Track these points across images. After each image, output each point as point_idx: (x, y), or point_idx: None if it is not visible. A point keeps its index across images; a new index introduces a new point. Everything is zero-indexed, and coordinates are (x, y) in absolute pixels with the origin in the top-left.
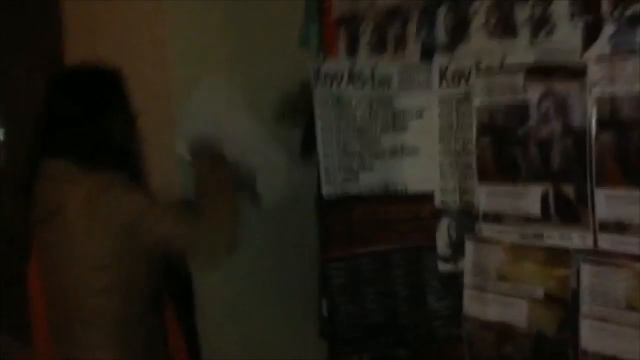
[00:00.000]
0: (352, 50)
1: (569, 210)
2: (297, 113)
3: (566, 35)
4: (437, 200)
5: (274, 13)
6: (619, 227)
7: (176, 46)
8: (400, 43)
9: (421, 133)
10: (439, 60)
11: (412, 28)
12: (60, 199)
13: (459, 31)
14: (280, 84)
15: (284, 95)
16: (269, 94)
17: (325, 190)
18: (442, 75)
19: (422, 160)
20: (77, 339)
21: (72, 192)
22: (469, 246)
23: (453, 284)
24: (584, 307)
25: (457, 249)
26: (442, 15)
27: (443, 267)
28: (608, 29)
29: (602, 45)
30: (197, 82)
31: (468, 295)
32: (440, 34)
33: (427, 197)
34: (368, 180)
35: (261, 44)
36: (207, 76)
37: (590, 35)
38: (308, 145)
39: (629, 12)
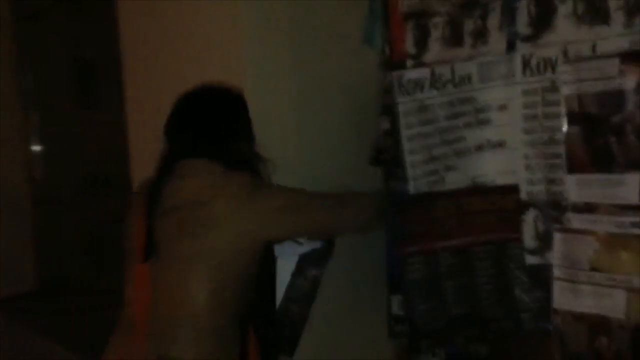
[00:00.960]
0: (421, 45)
1: None
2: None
3: None
4: (523, 192)
5: (339, 11)
6: None
7: (249, 49)
8: (480, 36)
9: (506, 126)
10: (521, 50)
11: (494, 20)
12: (204, 191)
13: (544, 20)
14: (346, 83)
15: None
16: (335, 92)
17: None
18: (526, 65)
19: (508, 153)
20: (175, 336)
21: (220, 187)
22: (557, 238)
23: (540, 276)
24: None
25: (544, 241)
26: (524, 5)
27: (530, 259)
28: None
29: None
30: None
31: (558, 287)
32: (523, 23)
33: (512, 189)
34: (454, 179)
35: (327, 44)
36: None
37: None
38: (379, 154)
39: None
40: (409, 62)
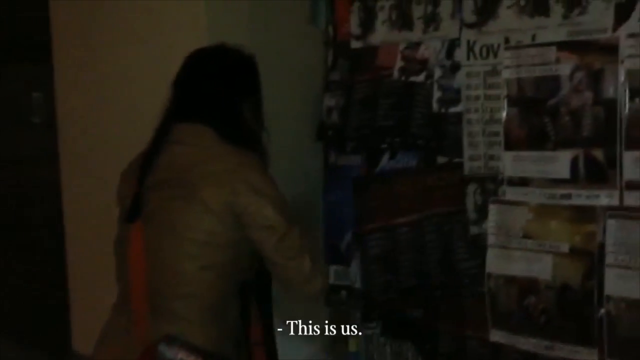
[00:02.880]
0: (367, 26)
1: (598, 172)
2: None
3: (599, 14)
4: (466, 168)
5: None
6: None
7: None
8: (432, 21)
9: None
10: (466, 35)
11: (446, 7)
12: (198, 165)
13: (488, 9)
14: (295, 61)
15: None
16: (285, 70)
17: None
18: (470, 50)
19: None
20: (176, 312)
21: (214, 163)
22: (492, 209)
23: (479, 244)
24: (610, 258)
25: (482, 212)
26: None
27: (473, 230)
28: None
29: (633, 23)
30: None
31: (492, 253)
32: (468, 11)
33: (457, 166)
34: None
35: (278, 24)
36: None
37: (622, 15)
38: (323, 130)
39: None
40: (354, 43)
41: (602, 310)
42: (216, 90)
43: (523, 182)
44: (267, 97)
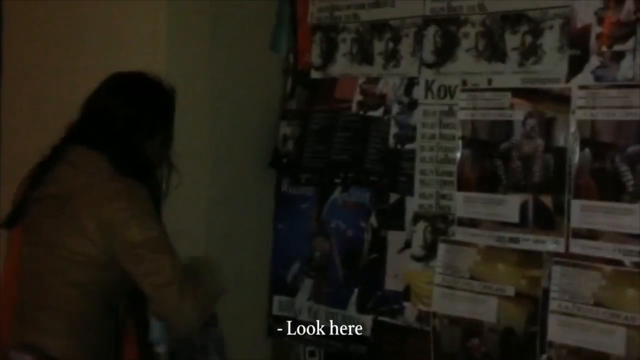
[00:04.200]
0: (328, 57)
1: (546, 218)
2: None
3: (553, 64)
4: (415, 205)
5: (254, 15)
6: (591, 234)
7: (169, 45)
8: (392, 57)
9: None
10: (425, 75)
11: (406, 45)
12: (81, 187)
13: (447, 50)
14: (253, 86)
15: None
16: (243, 95)
17: None
18: (428, 89)
19: None
20: (39, 323)
21: (97, 188)
22: (442, 248)
23: None
24: (553, 304)
25: (431, 251)
26: (430, 35)
27: (414, 266)
28: (593, 62)
29: (586, 75)
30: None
31: (438, 293)
32: (428, 51)
33: None
34: None
35: (240, 46)
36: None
37: (576, 66)
38: (277, 157)
39: (612, 49)
40: (313, 73)
41: (544, 356)
42: (122, 120)
43: (473, 223)
44: (222, 119)
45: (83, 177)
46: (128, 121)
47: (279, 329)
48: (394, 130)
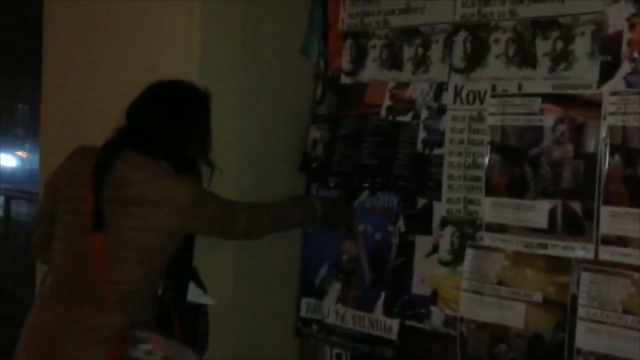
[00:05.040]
0: (358, 63)
1: (575, 224)
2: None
3: (584, 70)
4: (443, 210)
5: (286, 19)
6: (620, 241)
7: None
8: (422, 64)
9: None
10: (454, 80)
11: (436, 50)
12: (152, 192)
13: (477, 56)
14: (285, 90)
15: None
16: (275, 99)
17: None
18: (457, 95)
19: None
20: (96, 301)
21: (167, 192)
22: (469, 253)
23: None
24: (582, 311)
25: (459, 256)
26: (460, 40)
27: (441, 270)
28: (624, 69)
29: (617, 81)
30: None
31: (466, 298)
32: (458, 57)
33: None
34: None
35: (272, 50)
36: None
37: (607, 72)
38: (307, 162)
39: None
40: (344, 78)
41: None
42: (165, 128)
43: (501, 228)
44: (253, 122)
45: (149, 178)
46: (171, 129)
47: (306, 331)
48: (422, 135)
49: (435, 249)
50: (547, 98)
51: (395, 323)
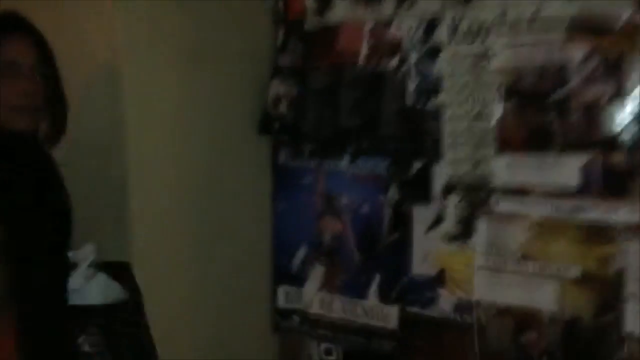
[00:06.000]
0: (325, 0)
1: (616, 182)
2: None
3: None
4: (445, 174)
5: None
6: None
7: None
8: None
9: None
10: (450, 11)
11: None
12: None
13: None
14: (236, 38)
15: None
16: (226, 52)
17: None
18: (455, 29)
19: None
20: None
21: None
22: (483, 223)
23: None
24: (631, 287)
25: (468, 227)
26: None
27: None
28: None
29: None
30: None
31: (481, 276)
32: None
33: None
34: None
35: None
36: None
37: None
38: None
39: None
40: (309, 20)
41: (622, 352)
42: None
43: (521, 191)
44: (200, 82)
45: None
46: None
47: (286, 324)
48: (412, 84)
49: (438, 220)
50: (572, 26)
51: (393, 310)
